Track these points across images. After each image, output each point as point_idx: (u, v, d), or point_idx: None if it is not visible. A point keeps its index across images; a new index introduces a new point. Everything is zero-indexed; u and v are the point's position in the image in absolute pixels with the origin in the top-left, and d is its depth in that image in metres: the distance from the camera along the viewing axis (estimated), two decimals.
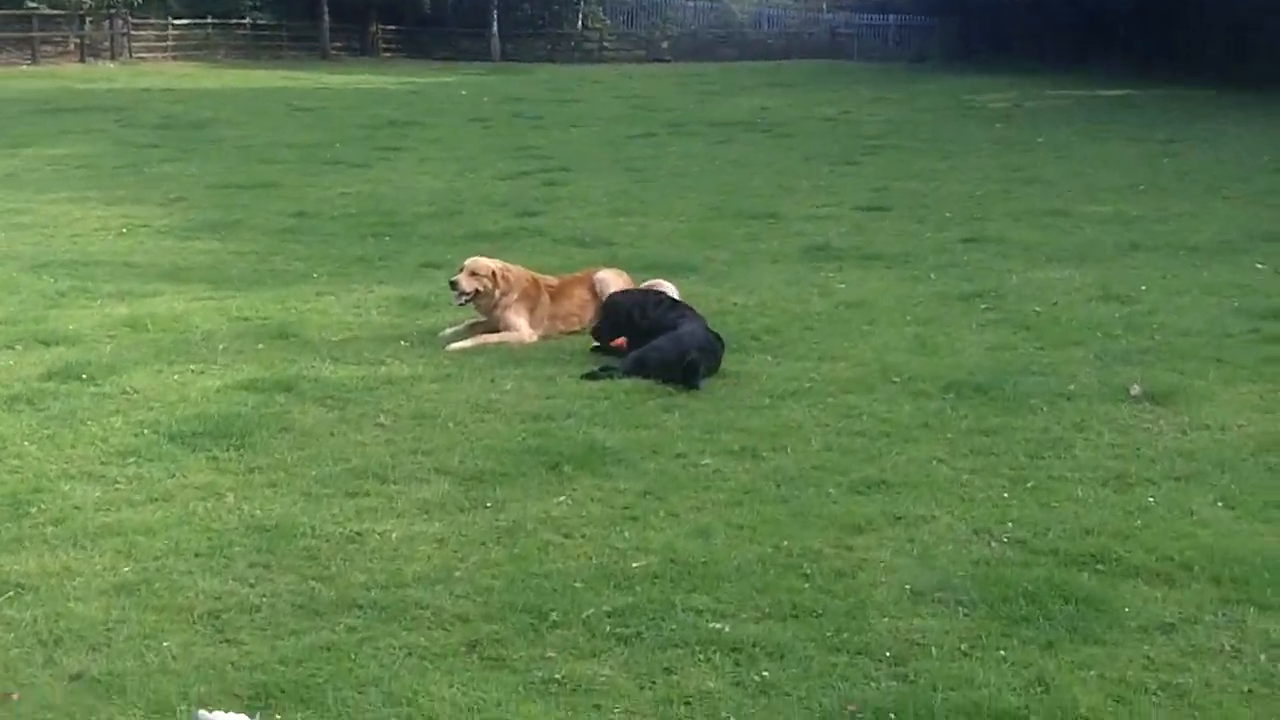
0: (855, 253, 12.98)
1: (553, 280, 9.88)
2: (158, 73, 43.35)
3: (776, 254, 13.10)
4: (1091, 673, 4.68)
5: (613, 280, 9.83)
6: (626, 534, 5.91)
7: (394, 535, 5.93)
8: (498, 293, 9.46)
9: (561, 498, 6.37)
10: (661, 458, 6.93)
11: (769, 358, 8.92)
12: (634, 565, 5.55)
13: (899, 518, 6.08)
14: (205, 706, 4.35)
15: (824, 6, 63.03)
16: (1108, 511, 6.12)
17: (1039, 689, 4.57)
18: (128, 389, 8.22)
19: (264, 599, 5.33)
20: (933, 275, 11.67)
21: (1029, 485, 6.49)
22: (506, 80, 43.01)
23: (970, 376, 8.25)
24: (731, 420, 7.53)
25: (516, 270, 9.69)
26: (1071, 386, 8.07)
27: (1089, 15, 38.74)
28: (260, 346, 9.28)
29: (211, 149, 22.62)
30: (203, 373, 8.62)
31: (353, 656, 4.83)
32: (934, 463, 6.83)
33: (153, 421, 7.57)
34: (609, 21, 65.08)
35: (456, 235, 14.30)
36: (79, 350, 9.13)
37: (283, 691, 4.58)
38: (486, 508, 6.26)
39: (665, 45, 60.99)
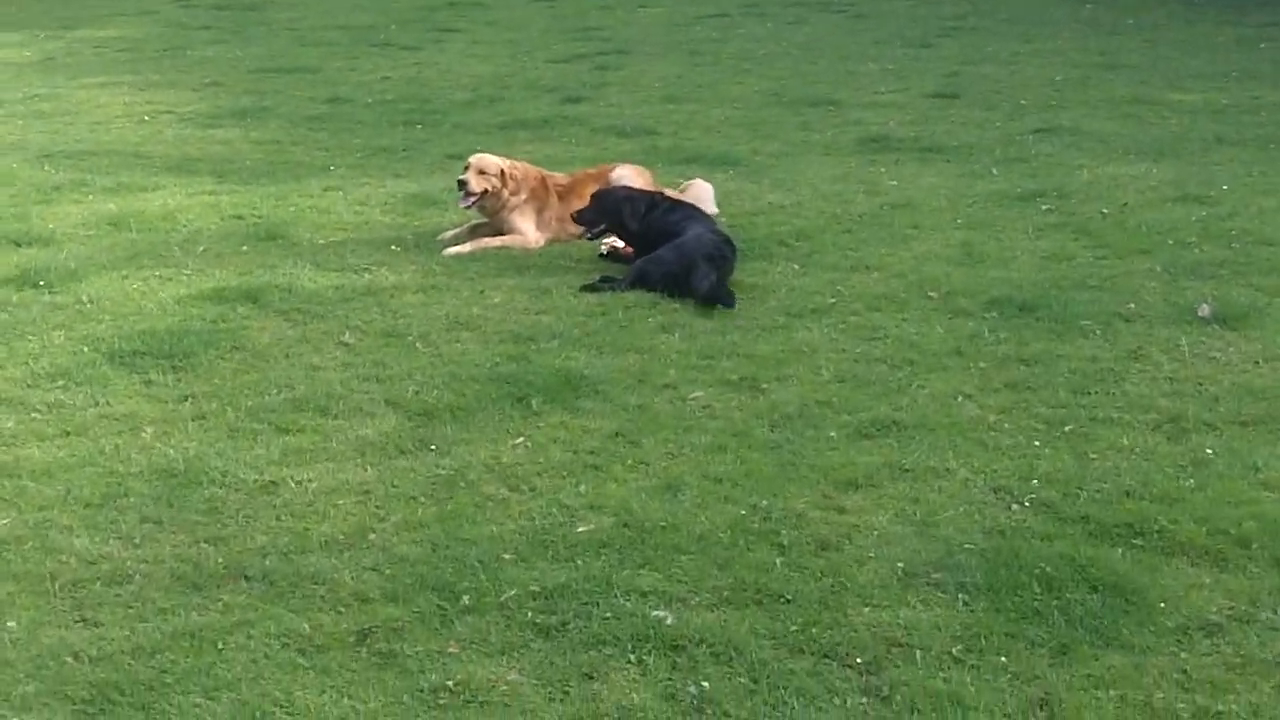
0: (914, 144, 11.89)
1: (562, 179, 8.96)
2: None
3: (829, 145, 12.05)
4: (1110, 693, 3.77)
5: (631, 178, 8.86)
6: (582, 488, 5.05)
7: (314, 485, 5.12)
8: (505, 193, 8.58)
9: (520, 439, 5.52)
10: (646, 389, 6.05)
11: (795, 267, 7.96)
12: (580, 530, 4.71)
13: (906, 470, 5.16)
14: (27, 710, 3.60)
15: None
16: (1154, 465, 5.15)
17: (1041, 713, 3.68)
18: (83, 299, 7.48)
19: (142, 565, 4.56)
20: (994, 170, 10.58)
21: (1066, 429, 5.52)
22: None
23: (1016, 292, 7.25)
24: (735, 344, 6.62)
25: (524, 168, 8.78)
26: (1131, 305, 7.04)
27: None
28: (244, 249, 8.49)
29: (261, 31, 21.77)
30: (170, 280, 7.86)
31: (218, 648, 4.04)
32: (959, 399, 5.88)
33: (96, 337, 6.83)
34: None
35: (491, 124, 13.39)
36: (48, 253, 8.39)
37: (121, 694, 3.81)
38: (431, 450, 5.43)
39: None
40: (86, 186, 10.40)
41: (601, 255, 8.32)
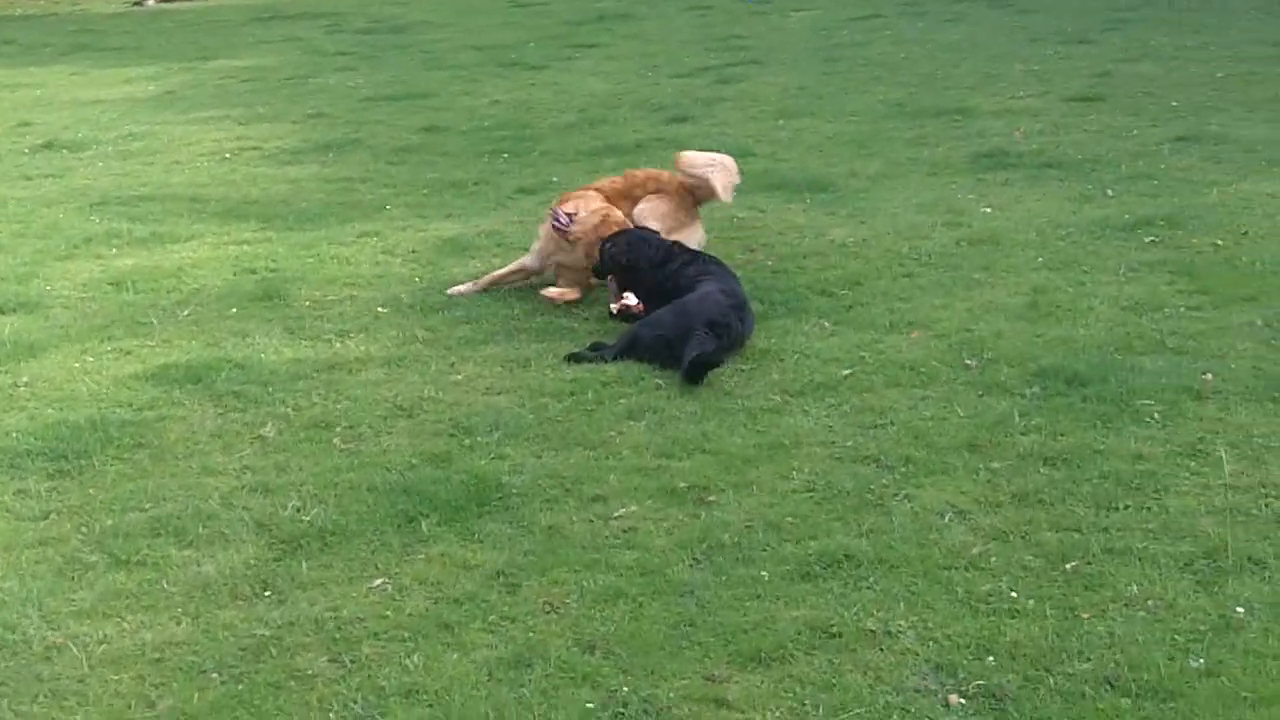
0: (1034, 159, 10.49)
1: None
2: None
3: (938, 163, 10.72)
4: None
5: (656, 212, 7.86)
6: (412, 660, 3.98)
7: (102, 649, 4.17)
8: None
9: (380, 580, 4.48)
10: (569, 504, 4.95)
11: (826, 324, 6.76)
12: None
13: (834, 634, 3.96)
14: None
15: None
16: (1162, 631, 3.84)
17: None
18: (22, 380, 6.72)
19: None
20: (1109, 191, 9.15)
21: (1067, 567, 4.24)
22: None
23: (1073, 359, 5.93)
24: (706, 435, 5.46)
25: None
26: (1209, 375, 5.66)
27: None
28: (231, 313, 7.66)
29: (395, 56, 21.16)
30: (128, 354, 7.06)
31: None
32: (947, 519, 4.63)
33: (3, 431, 6.03)
34: None
35: (582, 150, 12.38)
36: (25, 322, 7.68)
37: None
38: (266, 597, 4.43)
39: None
40: (119, 239, 9.71)
41: (611, 315, 7.25)
